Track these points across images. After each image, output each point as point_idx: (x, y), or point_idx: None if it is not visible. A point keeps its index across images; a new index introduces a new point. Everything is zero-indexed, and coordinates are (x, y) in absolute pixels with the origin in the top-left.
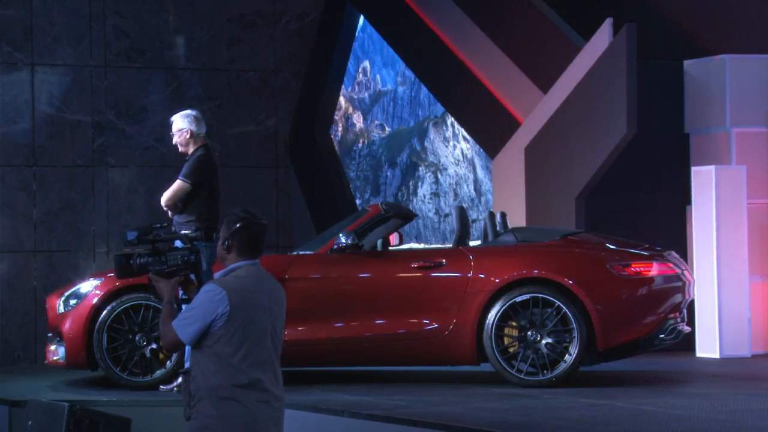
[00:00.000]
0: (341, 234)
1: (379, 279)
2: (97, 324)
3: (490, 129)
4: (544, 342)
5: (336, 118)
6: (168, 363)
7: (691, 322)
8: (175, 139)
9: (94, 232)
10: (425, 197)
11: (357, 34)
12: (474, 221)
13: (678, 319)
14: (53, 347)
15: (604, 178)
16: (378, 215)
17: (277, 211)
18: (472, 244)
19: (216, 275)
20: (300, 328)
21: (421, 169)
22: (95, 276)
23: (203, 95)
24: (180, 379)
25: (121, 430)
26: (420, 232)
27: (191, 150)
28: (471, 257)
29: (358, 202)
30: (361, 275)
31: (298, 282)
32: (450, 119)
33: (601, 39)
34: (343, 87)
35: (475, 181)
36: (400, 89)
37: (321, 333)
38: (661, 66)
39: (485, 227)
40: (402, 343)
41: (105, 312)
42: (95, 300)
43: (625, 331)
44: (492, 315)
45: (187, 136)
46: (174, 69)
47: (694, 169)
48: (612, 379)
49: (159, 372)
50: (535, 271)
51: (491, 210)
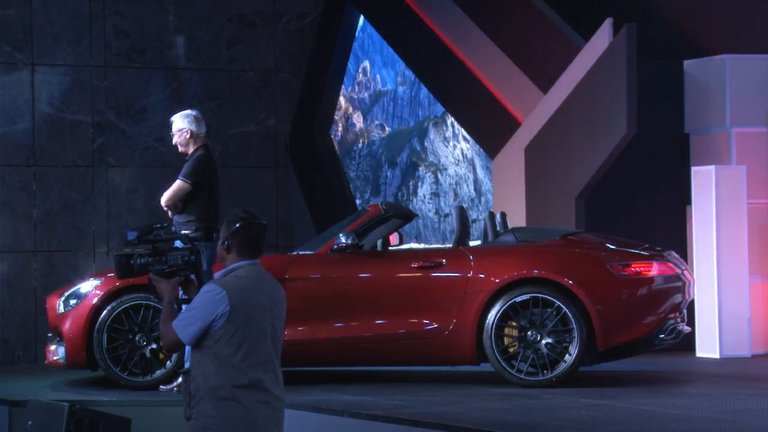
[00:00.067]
0: (341, 234)
1: (379, 279)
2: (97, 324)
3: (490, 129)
4: (544, 342)
5: (336, 118)
6: (168, 363)
7: (691, 322)
8: (175, 139)
9: (94, 232)
10: (425, 197)
11: (357, 34)
12: (474, 221)
13: (678, 319)
14: (53, 347)
15: (604, 178)
16: (378, 215)
17: (277, 211)
18: (472, 244)
19: (216, 275)
20: (300, 328)
21: (421, 169)
22: (95, 276)
23: (203, 95)
24: (180, 379)
25: (121, 430)
26: (420, 232)
27: (191, 150)
28: (471, 257)
29: (358, 202)
30: (361, 275)
31: (298, 282)
32: (450, 119)
33: (601, 39)
34: (343, 87)
35: (475, 181)
36: (400, 89)
37: (321, 333)
38: (661, 66)
39: (485, 227)
40: (402, 343)
41: (105, 312)
42: (95, 300)
43: (625, 331)
44: (492, 315)
45: (187, 136)
46: (174, 69)
47: (694, 169)
48: (612, 379)
49: (159, 372)
50: (535, 271)
51: (491, 210)
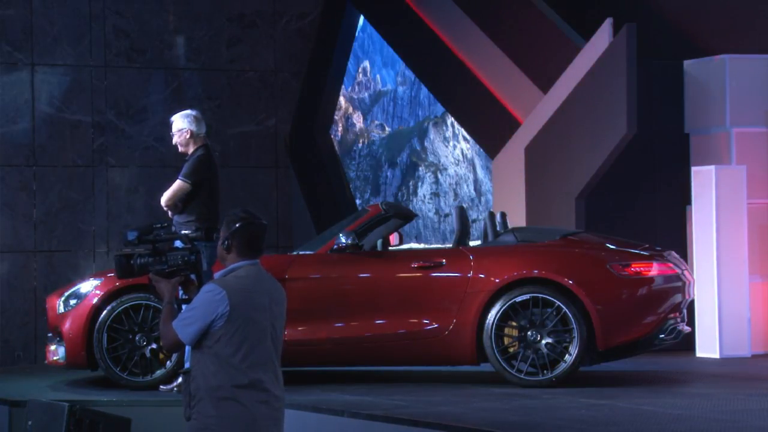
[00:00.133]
0: (341, 234)
1: (379, 279)
2: (97, 324)
3: (490, 129)
4: (544, 342)
5: (336, 118)
6: (168, 363)
7: (691, 322)
8: (175, 139)
9: (94, 232)
10: (425, 197)
11: (357, 34)
12: (474, 221)
13: (678, 319)
14: (53, 347)
15: (604, 178)
16: (378, 215)
17: (277, 211)
18: (472, 244)
19: (216, 275)
20: (300, 328)
21: (421, 169)
22: (95, 276)
23: (203, 95)
24: (180, 379)
25: (121, 430)
26: (420, 232)
27: (191, 150)
28: (471, 257)
29: (358, 202)
30: (361, 275)
31: (298, 282)
32: (450, 119)
33: (601, 39)
34: (343, 87)
35: (475, 181)
36: (400, 89)
37: (321, 333)
38: (661, 66)
39: (485, 227)
40: (402, 343)
41: (105, 312)
42: (95, 300)
43: (625, 331)
44: (492, 315)
45: (187, 136)
46: (174, 69)
47: (694, 169)
48: (612, 379)
49: (159, 372)
50: (535, 271)
51: (491, 210)
